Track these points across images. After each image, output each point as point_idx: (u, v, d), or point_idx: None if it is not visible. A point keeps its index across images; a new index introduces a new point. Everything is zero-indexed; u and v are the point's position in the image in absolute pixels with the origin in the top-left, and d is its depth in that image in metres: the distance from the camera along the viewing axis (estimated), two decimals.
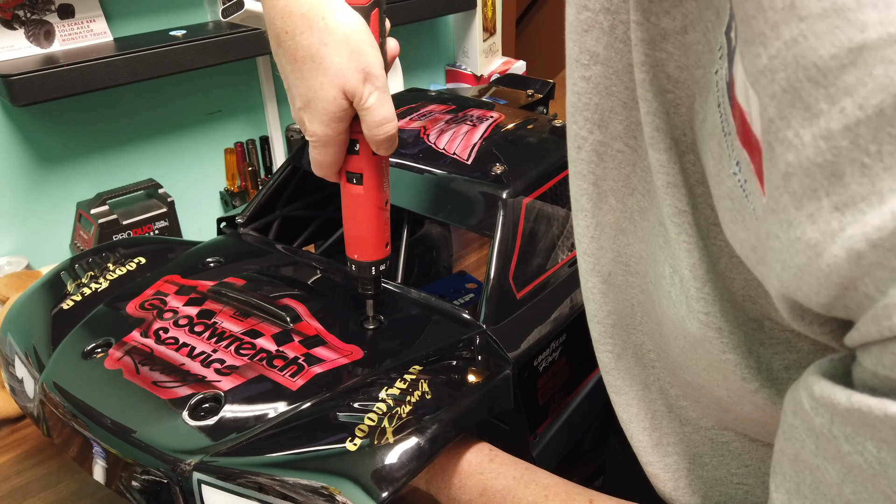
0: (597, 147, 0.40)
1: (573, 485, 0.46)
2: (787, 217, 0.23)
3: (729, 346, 0.32)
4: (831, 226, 0.21)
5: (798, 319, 0.25)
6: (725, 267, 0.32)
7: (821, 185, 0.21)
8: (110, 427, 0.50)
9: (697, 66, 0.32)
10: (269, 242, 0.73)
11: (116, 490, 0.50)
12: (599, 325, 0.45)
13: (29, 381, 0.59)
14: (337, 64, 0.45)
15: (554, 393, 0.62)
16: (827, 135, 0.20)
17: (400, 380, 0.50)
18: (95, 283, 0.66)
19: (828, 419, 0.24)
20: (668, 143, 0.33)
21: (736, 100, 0.26)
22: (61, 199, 1.10)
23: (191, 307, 0.60)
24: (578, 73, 0.39)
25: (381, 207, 0.54)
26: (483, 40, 1.54)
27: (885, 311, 0.21)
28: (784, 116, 0.22)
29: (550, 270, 0.63)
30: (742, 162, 0.26)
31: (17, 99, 0.91)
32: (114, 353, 0.56)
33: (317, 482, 0.44)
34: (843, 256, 0.21)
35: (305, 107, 0.48)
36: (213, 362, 0.54)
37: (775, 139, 0.22)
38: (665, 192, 0.34)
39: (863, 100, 0.19)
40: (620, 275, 0.43)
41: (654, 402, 0.44)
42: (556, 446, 0.62)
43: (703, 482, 0.43)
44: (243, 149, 1.27)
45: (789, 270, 0.23)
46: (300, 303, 0.60)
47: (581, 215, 0.43)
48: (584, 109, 0.39)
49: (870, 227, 0.20)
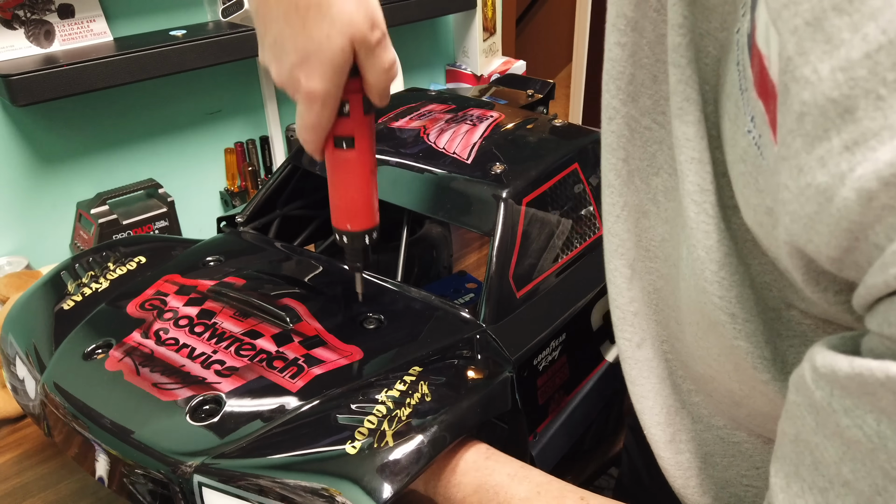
0: (629, 121, 0.39)
1: (566, 483, 0.46)
2: (797, 163, 0.22)
3: (742, 333, 0.31)
4: (841, 167, 0.20)
5: (812, 284, 0.24)
6: (746, 251, 0.31)
7: (833, 123, 0.20)
8: (111, 429, 0.50)
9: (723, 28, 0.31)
10: (268, 241, 0.73)
11: (118, 491, 0.51)
12: (619, 311, 0.44)
13: (30, 381, 0.59)
14: (347, 12, 0.42)
15: (553, 392, 0.61)
16: (846, 65, 0.20)
17: (400, 381, 0.50)
18: (96, 283, 0.66)
19: (828, 392, 0.23)
20: (696, 116, 0.32)
21: (756, 46, 0.25)
22: (61, 199, 1.10)
23: (191, 307, 0.60)
24: (614, 38, 0.37)
25: (373, 171, 0.52)
26: (483, 40, 1.54)
27: (892, 257, 0.19)
28: (803, 52, 0.21)
29: (550, 269, 0.63)
30: (757, 115, 0.25)
31: (17, 99, 0.91)
32: (114, 355, 0.56)
33: (317, 484, 0.44)
34: (853, 199, 0.20)
35: (303, 62, 0.43)
36: (213, 363, 0.54)
37: (792, 79, 0.22)
38: (689, 168, 0.32)
39: (887, 22, 0.19)
40: (641, 260, 0.42)
41: (668, 397, 0.44)
42: (556, 446, 0.62)
43: (713, 482, 0.43)
44: (243, 149, 1.27)
45: (799, 221, 0.22)
46: (300, 302, 0.60)
47: (608, 191, 0.41)
48: (617, 78, 0.38)
49: (881, 163, 0.19)
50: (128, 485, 0.49)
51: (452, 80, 1.60)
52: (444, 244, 0.89)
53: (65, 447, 0.55)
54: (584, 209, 0.67)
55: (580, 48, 2.32)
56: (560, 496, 0.44)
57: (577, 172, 0.67)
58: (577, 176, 0.67)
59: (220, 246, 0.71)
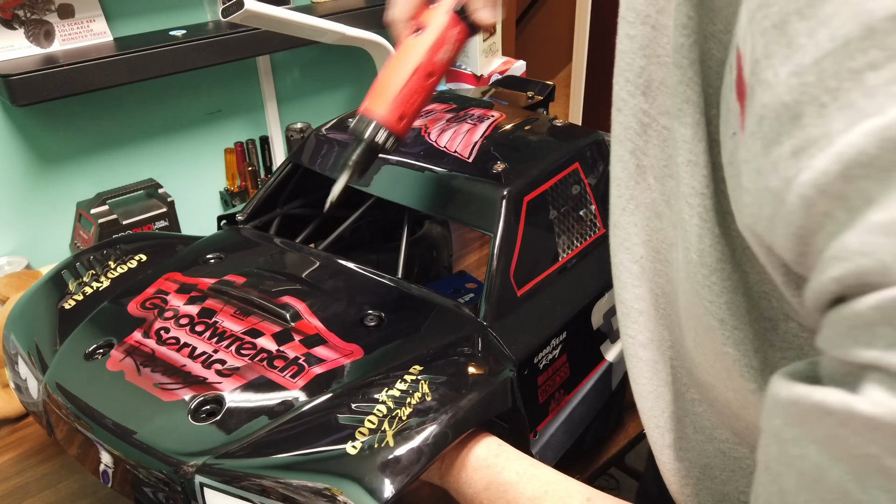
0: (638, 115, 0.38)
1: (574, 482, 0.46)
2: (756, 165, 0.22)
3: (730, 340, 0.31)
4: (789, 172, 0.20)
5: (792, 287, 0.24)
6: (744, 259, 0.31)
7: (785, 127, 0.20)
8: (112, 429, 0.50)
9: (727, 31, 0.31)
10: (268, 237, 0.73)
11: (120, 490, 0.51)
12: (623, 307, 0.44)
13: (32, 380, 0.59)
14: None
15: (554, 391, 0.61)
16: (799, 70, 0.20)
17: (400, 380, 0.50)
18: (97, 282, 0.66)
19: (781, 420, 0.22)
20: (695, 118, 0.32)
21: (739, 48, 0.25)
22: (61, 199, 1.10)
23: (191, 306, 0.60)
24: (623, 30, 0.37)
25: (426, 72, 0.47)
26: (483, 40, 1.54)
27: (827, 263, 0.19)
28: (769, 54, 0.21)
29: (551, 268, 0.63)
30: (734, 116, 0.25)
31: (16, 99, 0.91)
32: (115, 355, 0.56)
33: (320, 484, 0.44)
34: (797, 205, 0.20)
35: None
36: (214, 363, 0.54)
37: (757, 81, 0.21)
38: (685, 171, 0.32)
39: (835, 29, 0.18)
40: (649, 260, 0.42)
41: (670, 403, 0.44)
42: (556, 444, 0.62)
43: (710, 494, 0.42)
44: (243, 148, 1.27)
45: (760, 223, 0.22)
46: (300, 300, 0.60)
47: (614, 183, 0.41)
48: (625, 70, 0.38)
49: (817, 171, 0.19)
50: (129, 484, 0.50)
51: (452, 80, 1.60)
52: (444, 244, 0.89)
53: (67, 446, 0.55)
54: (584, 208, 0.67)
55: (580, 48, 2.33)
56: (567, 496, 0.44)
57: (577, 172, 0.67)
58: (578, 175, 0.67)
59: (221, 243, 0.71)
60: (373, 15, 1.20)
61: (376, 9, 1.21)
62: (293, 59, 1.27)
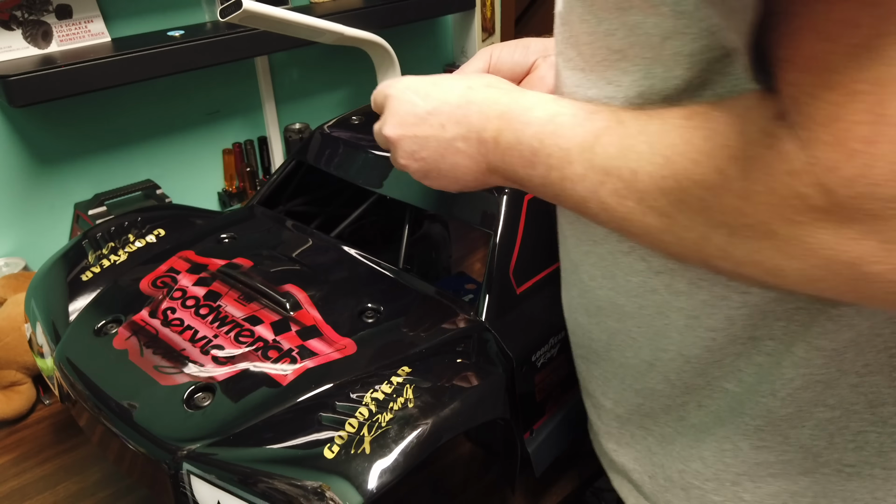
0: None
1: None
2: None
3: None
4: None
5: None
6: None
7: None
8: (113, 408, 0.52)
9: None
10: (282, 219, 0.75)
11: (117, 468, 0.54)
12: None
13: (47, 350, 0.61)
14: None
15: (551, 390, 0.61)
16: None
17: (386, 382, 0.50)
18: (115, 255, 0.68)
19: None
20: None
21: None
22: (59, 200, 1.10)
23: (199, 287, 0.62)
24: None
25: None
26: (482, 40, 1.54)
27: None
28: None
29: (551, 267, 0.63)
30: None
31: (14, 100, 0.91)
32: (122, 332, 0.58)
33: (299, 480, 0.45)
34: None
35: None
36: (212, 349, 0.55)
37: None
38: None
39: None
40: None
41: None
42: (553, 443, 0.62)
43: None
44: (241, 149, 1.27)
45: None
46: (302, 289, 0.61)
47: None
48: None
49: None
50: (127, 463, 0.52)
51: None
52: (443, 244, 0.89)
53: (76, 417, 0.58)
54: None
55: None
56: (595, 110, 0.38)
57: None
58: None
59: (237, 222, 0.74)
60: (372, 15, 1.20)
61: (376, 9, 1.21)
62: (292, 59, 1.27)
